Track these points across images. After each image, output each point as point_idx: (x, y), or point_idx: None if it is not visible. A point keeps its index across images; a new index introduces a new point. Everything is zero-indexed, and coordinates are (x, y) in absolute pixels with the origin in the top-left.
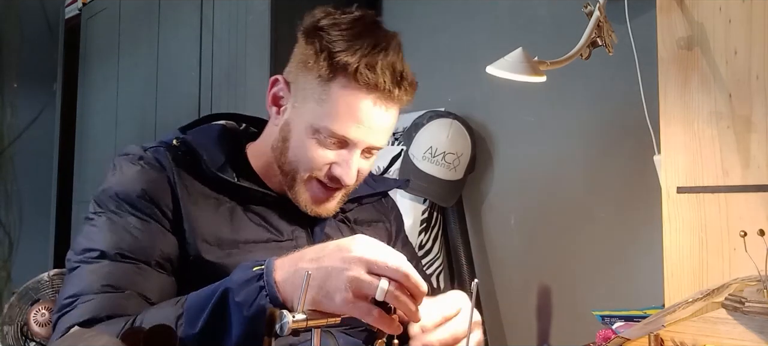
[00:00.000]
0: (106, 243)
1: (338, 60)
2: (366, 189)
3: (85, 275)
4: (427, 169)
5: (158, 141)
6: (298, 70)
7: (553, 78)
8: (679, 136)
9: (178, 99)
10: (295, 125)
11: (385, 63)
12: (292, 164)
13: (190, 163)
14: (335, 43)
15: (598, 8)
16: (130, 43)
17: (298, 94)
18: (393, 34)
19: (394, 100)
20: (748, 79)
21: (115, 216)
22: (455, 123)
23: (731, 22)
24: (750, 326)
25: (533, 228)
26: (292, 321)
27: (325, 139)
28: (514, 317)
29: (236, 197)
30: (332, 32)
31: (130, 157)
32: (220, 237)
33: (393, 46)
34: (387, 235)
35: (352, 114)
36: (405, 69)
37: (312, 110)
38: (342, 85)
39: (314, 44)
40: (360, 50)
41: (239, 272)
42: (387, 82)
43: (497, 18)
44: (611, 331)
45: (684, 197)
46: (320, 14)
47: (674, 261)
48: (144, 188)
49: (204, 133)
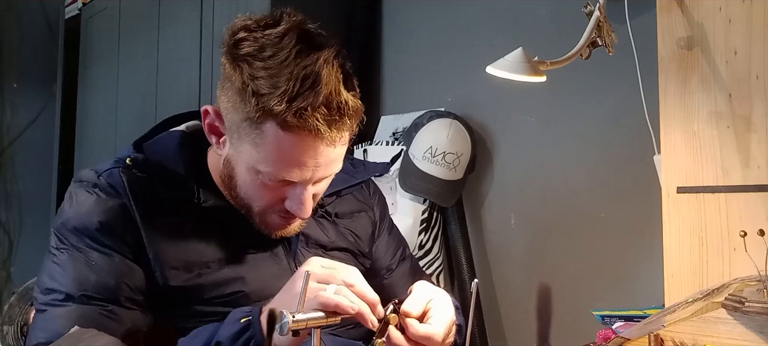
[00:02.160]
0: (70, 285)
1: (264, 105)
2: (344, 180)
3: (53, 319)
4: (427, 169)
5: (113, 160)
6: (228, 104)
7: (553, 78)
8: (679, 136)
9: (178, 99)
10: (237, 164)
11: (316, 103)
12: (243, 199)
13: (146, 185)
14: (258, 81)
15: (598, 8)
16: (130, 43)
17: (233, 132)
18: (324, 55)
19: (337, 134)
20: (748, 79)
21: (77, 252)
22: (455, 123)
23: (731, 22)
24: (750, 326)
25: (533, 228)
26: (292, 321)
27: (270, 182)
28: (514, 317)
29: (198, 214)
30: (255, 63)
31: (84, 184)
32: (188, 260)
33: (326, 71)
34: (371, 223)
35: (292, 159)
36: (343, 99)
37: (249, 153)
38: (274, 131)
39: (239, 77)
40: (287, 92)
41: (227, 327)
42: (322, 126)
43: (497, 18)
44: (611, 331)
45: (684, 196)
46: (241, 33)
47: (674, 261)
48: (101, 220)
49: (161, 145)
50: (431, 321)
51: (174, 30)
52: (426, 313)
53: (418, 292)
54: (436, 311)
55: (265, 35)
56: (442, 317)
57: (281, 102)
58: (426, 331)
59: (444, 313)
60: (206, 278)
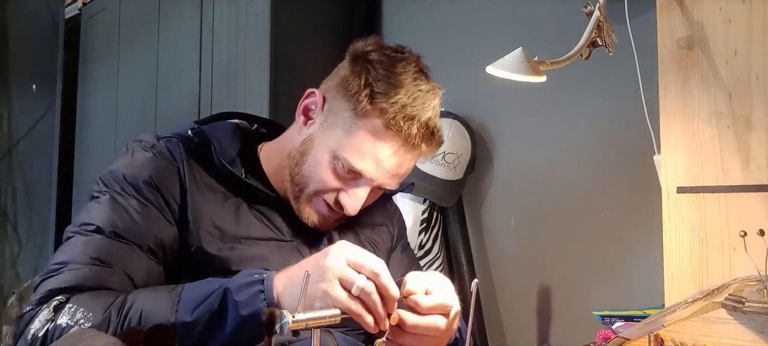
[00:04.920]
0: (103, 220)
1: (377, 103)
2: None
3: (78, 245)
4: (427, 169)
5: (173, 132)
6: (335, 92)
7: (553, 78)
8: (679, 136)
9: (178, 99)
10: (318, 144)
11: (422, 119)
12: (304, 178)
13: (201, 155)
14: (379, 83)
15: (598, 8)
16: (130, 43)
17: (330, 116)
18: (436, 90)
19: (418, 153)
20: (748, 79)
21: (119, 196)
22: (455, 123)
23: (731, 22)
24: (750, 326)
25: (533, 228)
26: (292, 321)
27: (342, 168)
28: (514, 317)
29: (243, 194)
30: (379, 70)
31: (143, 143)
32: (224, 230)
33: (433, 102)
34: (390, 238)
35: (374, 156)
36: (436, 126)
37: (337, 138)
38: (373, 126)
39: (359, 76)
40: (401, 100)
41: (242, 276)
42: (418, 137)
43: (497, 18)
44: (611, 331)
45: (684, 196)
46: (372, 46)
47: (674, 261)
48: (151, 174)
49: (218, 129)
50: (435, 293)
51: (174, 30)
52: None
53: (413, 276)
54: (437, 286)
55: (394, 56)
56: (445, 288)
57: (393, 105)
58: (435, 301)
59: (445, 285)
60: (236, 252)
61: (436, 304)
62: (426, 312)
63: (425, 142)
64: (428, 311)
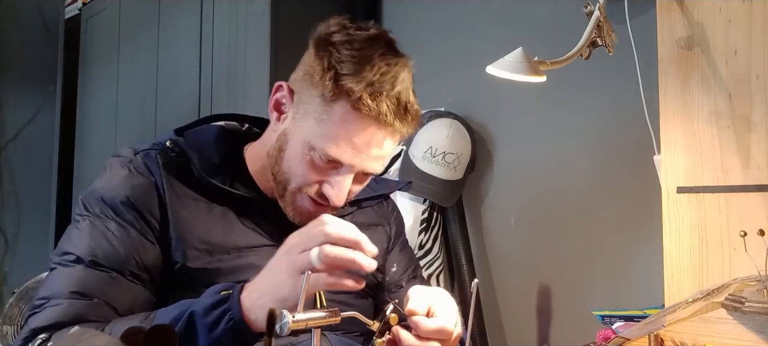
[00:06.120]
0: (83, 249)
1: (343, 84)
2: (366, 192)
3: (59, 278)
4: (427, 169)
5: (152, 143)
6: (303, 82)
7: (553, 78)
8: (679, 136)
9: (178, 99)
10: (293, 137)
11: (391, 94)
12: (284, 174)
13: (181, 167)
14: (343, 65)
15: (598, 8)
16: (130, 43)
17: (300, 106)
18: (404, 61)
19: (395, 132)
20: (748, 79)
21: (98, 221)
22: (455, 123)
23: (731, 22)
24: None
25: (533, 228)
26: (292, 321)
27: (320, 159)
28: (514, 317)
29: (228, 202)
30: (343, 51)
31: (120, 159)
32: (211, 242)
33: (402, 74)
34: (387, 238)
35: (350, 140)
36: (410, 100)
37: (310, 128)
38: (344, 109)
39: (322, 60)
40: (367, 77)
41: (207, 296)
42: (389, 115)
43: (497, 18)
44: (611, 331)
45: (684, 196)
46: (334, 27)
47: (674, 261)
48: (128, 194)
49: (201, 135)
50: (437, 315)
51: (174, 30)
52: (430, 311)
53: (417, 292)
54: (440, 306)
55: (358, 33)
56: (448, 310)
57: (359, 83)
58: (436, 325)
59: (448, 306)
60: (225, 263)
61: (437, 328)
62: (425, 336)
63: (399, 119)
64: (428, 334)
